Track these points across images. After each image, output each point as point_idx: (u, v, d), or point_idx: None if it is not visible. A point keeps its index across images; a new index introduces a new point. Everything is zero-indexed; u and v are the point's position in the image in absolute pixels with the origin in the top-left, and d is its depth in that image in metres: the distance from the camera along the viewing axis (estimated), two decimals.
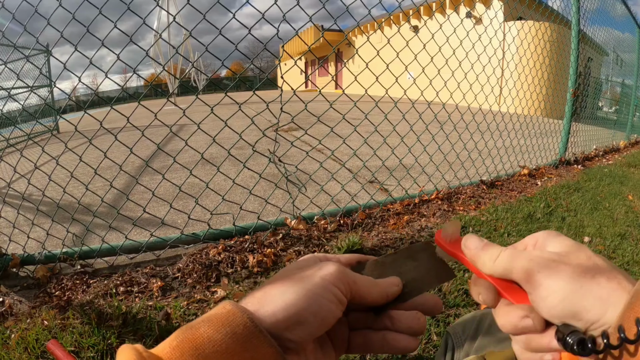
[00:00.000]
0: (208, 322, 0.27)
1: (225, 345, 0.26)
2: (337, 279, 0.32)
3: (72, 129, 1.56)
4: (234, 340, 0.26)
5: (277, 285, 0.31)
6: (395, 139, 2.56)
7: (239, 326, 0.27)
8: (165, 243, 1.85)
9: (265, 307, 0.29)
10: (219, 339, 0.26)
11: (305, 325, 0.29)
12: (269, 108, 1.80)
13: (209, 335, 0.26)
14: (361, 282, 0.35)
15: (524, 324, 0.31)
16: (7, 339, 1.23)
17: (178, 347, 0.26)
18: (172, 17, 1.71)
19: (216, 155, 3.96)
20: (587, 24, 4.27)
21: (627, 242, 1.99)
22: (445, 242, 0.39)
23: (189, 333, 0.26)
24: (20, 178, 3.33)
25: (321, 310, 0.30)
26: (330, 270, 0.33)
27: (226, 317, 0.28)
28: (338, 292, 0.32)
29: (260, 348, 0.27)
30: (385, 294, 0.36)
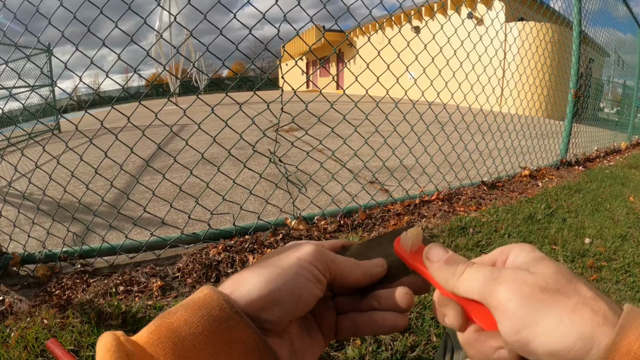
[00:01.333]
0: (185, 306, 0.27)
1: (201, 328, 0.26)
2: (314, 258, 0.32)
3: (72, 128, 1.56)
4: (210, 322, 0.26)
5: (254, 268, 0.31)
6: (396, 140, 2.56)
7: (214, 308, 0.27)
8: (165, 243, 1.85)
9: (240, 289, 0.29)
10: (195, 321, 0.26)
11: (282, 304, 0.29)
12: (269, 108, 1.80)
13: (186, 318, 0.26)
14: (341, 262, 0.34)
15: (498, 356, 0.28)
16: (7, 337, 1.23)
17: (155, 331, 0.25)
18: (173, 17, 1.71)
19: (217, 155, 3.96)
20: (589, 25, 4.26)
21: (628, 244, 1.99)
22: (405, 253, 0.35)
23: (167, 318, 0.26)
24: (21, 177, 3.34)
25: (296, 289, 0.30)
26: (306, 249, 0.32)
27: (202, 300, 0.27)
28: (315, 271, 0.31)
29: (237, 329, 0.26)
30: (369, 274, 0.35)
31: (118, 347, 0.24)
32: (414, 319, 1.30)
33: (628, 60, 7.33)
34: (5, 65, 1.75)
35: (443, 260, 0.32)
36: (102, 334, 0.26)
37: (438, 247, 0.34)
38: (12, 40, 1.62)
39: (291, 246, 0.34)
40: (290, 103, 1.82)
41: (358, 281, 0.35)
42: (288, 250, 0.33)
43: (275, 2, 1.70)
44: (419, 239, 0.35)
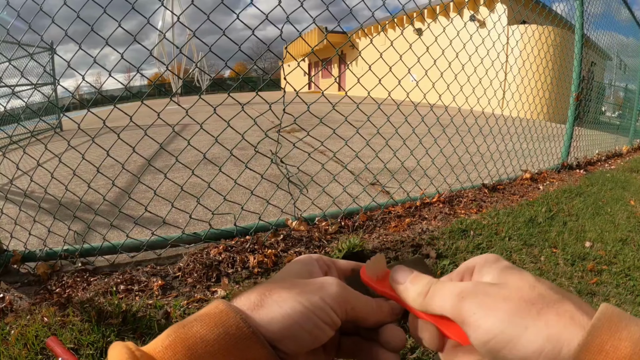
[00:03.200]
0: (201, 321, 0.27)
1: (217, 346, 0.26)
2: (336, 303, 0.32)
3: (75, 127, 1.57)
4: (227, 340, 0.26)
5: (276, 293, 0.31)
6: (398, 142, 2.56)
7: (231, 327, 0.27)
8: (166, 242, 1.85)
9: (260, 314, 0.29)
10: (212, 339, 0.26)
11: (298, 341, 0.29)
12: (271, 109, 1.81)
13: (202, 335, 0.26)
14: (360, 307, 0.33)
15: None
16: (7, 335, 1.23)
17: (170, 347, 0.25)
18: (176, 17, 1.72)
19: (218, 156, 3.96)
20: (591, 28, 4.26)
21: (629, 248, 1.98)
22: (372, 280, 0.36)
23: (182, 332, 0.26)
24: (22, 175, 3.34)
25: (315, 330, 0.30)
26: (331, 291, 0.32)
27: (219, 317, 0.27)
28: (334, 315, 0.31)
29: (253, 349, 0.27)
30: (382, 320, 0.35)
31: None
32: None
33: (630, 63, 7.32)
34: (9, 64, 1.75)
35: (408, 280, 0.33)
36: (113, 344, 0.26)
37: (402, 269, 0.34)
38: (15, 38, 1.62)
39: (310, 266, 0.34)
40: (292, 104, 1.82)
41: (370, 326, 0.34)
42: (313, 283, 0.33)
43: (279, 3, 1.71)
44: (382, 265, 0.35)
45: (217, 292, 1.52)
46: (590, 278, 1.69)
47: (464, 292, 0.29)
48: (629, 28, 6.34)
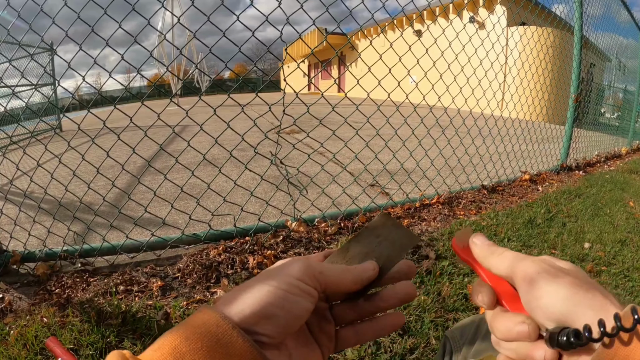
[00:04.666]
0: (185, 324, 0.29)
1: (200, 344, 0.27)
2: (302, 273, 0.33)
3: (74, 128, 1.57)
4: (209, 337, 0.28)
5: (245, 287, 0.33)
6: (397, 143, 2.57)
7: (212, 325, 0.29)
8: (165, 243, 1.85)
9: (233, 307, 0.31)
10: (194, 338, 0.28)
11: (274, 319, 0.31)
12: (271, 110, 1.81)
13: (186, 335, 0.28)
14: (330, 271, 0.35)
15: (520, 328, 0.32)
16: (7, 335, 1.23)
17: (159, 350, 0.27)
18: (177, 18, 1.72)
19: (218, 157, 3.97)
20: (590, 30, 4.28)
21: (628, 249, 1.99)
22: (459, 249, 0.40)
23: (169, 336, 0.28)
24: (22, 175, 3.34)
25: (286, 303, 0.31)
26: (294, 266, 0.34)
27: (201, 318, 0.29)
28: (304, 285, 0.33)
29: (235, 343, 0.28)
30: (359, 279, 0.37)
31: None
32: (413, 322, 1.30)
33: (629, 65, 7.34)
34: (9, 64, 1.76)
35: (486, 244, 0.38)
36: (110, 353, 0.27)
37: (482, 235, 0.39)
38: (15, 38, 1.62)
39: (280, 264, 0.36)
40: (292, 105, 1.82)
41: (349, 287, 0.36)
42: (277, 268, 0.35)
43: (279, 5, 1.71)
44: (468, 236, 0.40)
45: (216, 293, 1.53)
46: None
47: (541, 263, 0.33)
48: (628, 29, 6.36)
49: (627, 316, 0.26)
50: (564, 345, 0.28)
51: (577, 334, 0.27)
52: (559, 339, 0.28)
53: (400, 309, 1.35)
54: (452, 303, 1.42)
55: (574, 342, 0.27)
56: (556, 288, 0.30)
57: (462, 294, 1.47)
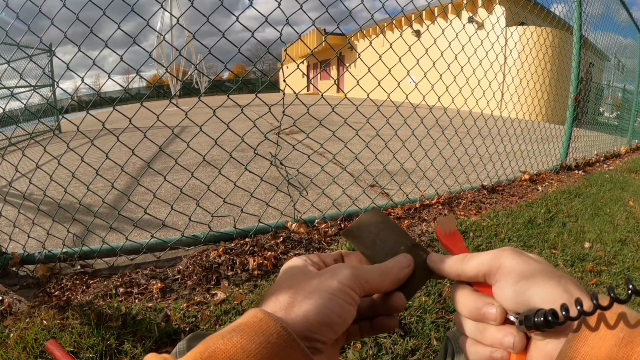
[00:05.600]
0: (240, 331, 0.27)
1: (260, 355, 0.26)
2: (353, 282, 0.34)
3: (73, 129, 1.56)
4: (269, 349, 0.26)
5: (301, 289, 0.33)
6: (397, 144, 2.57)
7: (272, 335, 0.27)
8: (165, 245, 1.85)
9: (295, 312, 0.30)
10: (253, 349, 0.26)
11: (333, 327, 0.31)
12: (271, 111, 1.81)
13: (243, 345, 0.26)
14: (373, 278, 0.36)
15: (488, 310, 0.33)
16: (6, 338, 1.23)
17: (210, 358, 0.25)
18: (176, 19, 1.72)
19: (217, 158, 3.96)
20: (589, 30, 4.28)
21: (628, 248, 1.99)
22: (442, 236, 0.41)
23: (221, 343, 0.26)
24: (21, 177, 3.34)
25: (343, 312, 0.32)
26: (345, 274, 0.34)
27: (259, 326, 0.27)
28: (354, 294, 0.33)
29: (293, 356, 0.27)
30: (396, 279, 0.38)
31: None
32: (414, 323, 1.30)
33: (628, 64, 7.35)
34: (7, 65, 1.75)
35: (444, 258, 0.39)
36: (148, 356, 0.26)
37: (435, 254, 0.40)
38: (14, 40, 1.62)
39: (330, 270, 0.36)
40: (292, 106, 1.82)
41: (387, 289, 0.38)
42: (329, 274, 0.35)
43: (278, 5, 1.71)
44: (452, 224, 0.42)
45: (216, 294, 1.52)
46: (589, 279, 1.69)
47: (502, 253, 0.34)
48: (627, 29, 6.37)
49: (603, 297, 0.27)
50: (540, 325, 0.28)
51: (554, 313, 0.28)
52: (535, 320, 0.28)
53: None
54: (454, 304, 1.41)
55: (552, 321, 0.27)
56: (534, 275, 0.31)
57: None
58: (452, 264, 0.37)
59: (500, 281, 0.32)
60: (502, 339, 0.32)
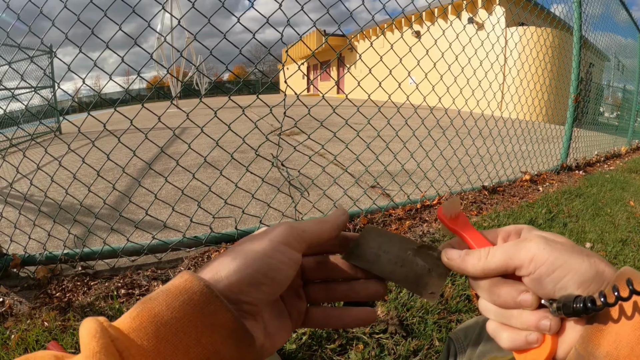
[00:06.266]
0: (166, 291, 0.28)
1: (183, 312, 0.26)
2: (286, 236, 0.33)
3: (74, 130, 1.57)
4: (192, 306, 0.27)
5: (229, 253, 0.32)
6: (398, 144, 2.56)
7: (195, 293, 0.27)
8: (167, 246, 1.85)
9: (219, 273, 0.30)
10: (177, 306, 0.26)
11: (258, 287, 0.30)
12: (272, 113, 1.81)
13: (168, 302, 0.27)
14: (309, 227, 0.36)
15: (524, 297, 0.33)
16: (7, 339, 1.23)
17: (137, 317, 0.26)
18: (176, 20, 1.72)
19: (218, 159, 3.96)
20: (589, 30, 4.28)
21: (629, 248, 1.99)
22: (446, 219, 0.41)
23: (148, 303, 0.27)
24: (22, 178, 3.34)
25: (271, 271, 0.31)
26: (277, 230, 0.34)
27: (183, 286, 0.28)
28: (288, 250, 0.33)
29: (217, 313, 0.27)
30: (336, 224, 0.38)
31: (103, 333, 0.25)
32: (416, 324, 1.29)
33: (628, 64, 7.35)
34: (8, 66, 1.75)
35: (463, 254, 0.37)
36: (85, 320, 0.26)
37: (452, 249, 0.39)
38: (15, 41, 1.62)
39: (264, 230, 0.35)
40: (292, 107, 1.82)
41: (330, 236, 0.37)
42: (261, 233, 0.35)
43: (279, 7, 1.71)
44: (457, 206, 0.41)
45: None
46: None
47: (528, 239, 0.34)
48: (627, 29, 6.38)
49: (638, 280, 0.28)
50: (579, 311, 0.29)
51: (592, 300, 0.28)
52: (574, 307, 0.29)
53: (401, 309, 1.35)
54: (455, 304, 1.41)
55: (591, 307, 0.28)
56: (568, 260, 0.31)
57: (465, 295, 1.46)
58: (476, 262, 0.36)
59: (534, 273, 0.32)
60: (538, 323, 0.32)
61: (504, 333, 0.35)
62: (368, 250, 0.40)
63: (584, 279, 0.30)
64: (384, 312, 1.35)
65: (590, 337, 0.29)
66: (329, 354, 1.15)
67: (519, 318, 0.33)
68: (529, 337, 0.33)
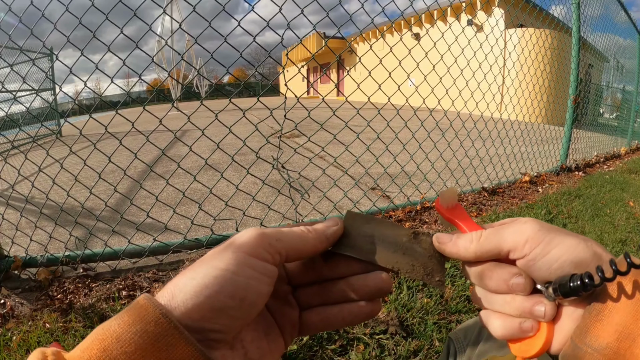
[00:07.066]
0: (120, 319, 0.24)
1: (134, 346, 0.23)
2: (254, 245, 0.28)
3: (74, 133, 1.57)
4: (145, 339, 0.23)
5: (189, 270, 0.27)
6: (397, 146, 2.57)
7: (150, 323, 0.23)
8: (168, 248, 1.85)
9: (175, 298, 0.25)
10: (128, 339, 0.23)
11: (224, 311, 0.25)
12: (272, 115, 1.82)
13: (118, 334, 0.23)
14: (287, 235, 0.30)
15: (516, 281, 0.31)
16: (9, 341, 1.23)
17: (87, 349, 0.23)
18: (178, 23, 1.73)
19: (219, 161, 3.97)
20: (588, 31, 4.30)
21: (628, 248, 1.99)
22: (443, 209, 0.39)
23: (100, 332, 0.23)
24: (23, 180, 3.34)
25: (238, 290, 0.26)
26: (243, 238, 0.28)
27: (138, 313, 0.24)
28: (257, 263, 0.27)
29: (177, 347, 0.23)
30: (323, 236, 0.32)
31: None
32: (416, 324, 1.30)
33: (627, 65, 7.37)
34: (10, 69, 1.77)
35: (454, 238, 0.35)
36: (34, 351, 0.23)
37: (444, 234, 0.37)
38: (17, 44, 1.63)
39: (230, 239, 0.29)
40: (292, 109, 1.83)
41: (315, 248, 0.31)
42: (226, 244, 0.29)
43: (279, 10, 1.72)
44: (454, 197, 0.39)
45: None
46: None
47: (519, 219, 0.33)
48: (626, 30, 6.39)
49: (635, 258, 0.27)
50: (577, 288, 0.28)
51: (590, 276, 0.27)
52: (571, 285, 0.28)
53: (401, 309, 1.35)
54: (455, 305, 1.42)
55: (588, 283, 0.27)
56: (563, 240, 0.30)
57: (465, 296, 1.47)
58: (468, 244, 0.34)
59: (529, 254, 0.30)
60: (533, 308, 0.31)
61: (496, 320, 0.33)
62: (360, 238, 0.35)
63: (581, 258, 0.29)
64: (384, 312, 1.35)
65: (589, 327, 0.27)
66: (330, 355, 1.15)
67: (512, 304, 0.32)
68: (523, 324, 0.31)
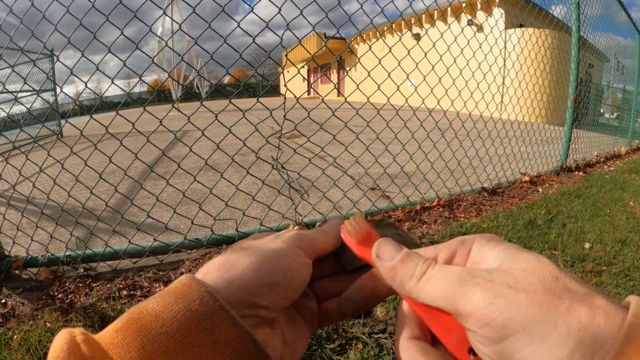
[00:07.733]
0: (160, 298, 0.23)
1: (176, 325, 0.21)
2: (298, 241, 0.30)
3: (75, 133, 1.58)
4: (188, 318, 0.22)
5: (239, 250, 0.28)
6: (397, 147, 2.58)
7: (194, 301, 0.22)
8: (168, 248, 1.86)
9: (230, 273, 0.25)
10: (169, 317, 0.21)
11: (277, 288, 0.26)
12: (272, 116, 1.82)
13: (158, 313, 0.21)
14: (317, 236, 0.32)
15: None
16: (10, 340, 1.24)
17: (121, 330, 0.21)
18: (178, 24, 1.74)
19: (219, 162, 3.98)
20: (588, 31, 4.30)
21: (628, 248, 1.99)
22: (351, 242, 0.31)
23: (137, 311, 0.22)
24: (24, 181, 3.36)
25: (290, 271, 0.27)
26: (288, 234, 0.31)
27: (180, 291, 0.23)
28: (301, 253, 0.29)
29: (222, 328, 0.22)
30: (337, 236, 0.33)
31: (71, 351, 0.19)
32: None
33: (627, 65, 7.36)
34: (11, 70, 1.78)
35: (398, 259, 0.26)
36: (60, 332, 0.21)
37: (390, 244, 0.28)
38: (18, 45, 1.64)
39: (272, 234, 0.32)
40: (292, 110, 1.84)
41: (333, 248, 0.32)
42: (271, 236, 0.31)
43: (279, 12, 1.73)
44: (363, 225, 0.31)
45: None
46: (590, 279, 1.70)
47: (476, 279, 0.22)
48: (626, 30, 6.39)
49: None
50: None
51: None
52: None
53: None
54: None
55: None
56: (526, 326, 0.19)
57: None
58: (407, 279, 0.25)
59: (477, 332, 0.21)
60: None
61: None
62: None
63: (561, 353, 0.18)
64: (383, 312, 1.36)
65: None
66: (329, 354, 1.16)
67: None
68: None
